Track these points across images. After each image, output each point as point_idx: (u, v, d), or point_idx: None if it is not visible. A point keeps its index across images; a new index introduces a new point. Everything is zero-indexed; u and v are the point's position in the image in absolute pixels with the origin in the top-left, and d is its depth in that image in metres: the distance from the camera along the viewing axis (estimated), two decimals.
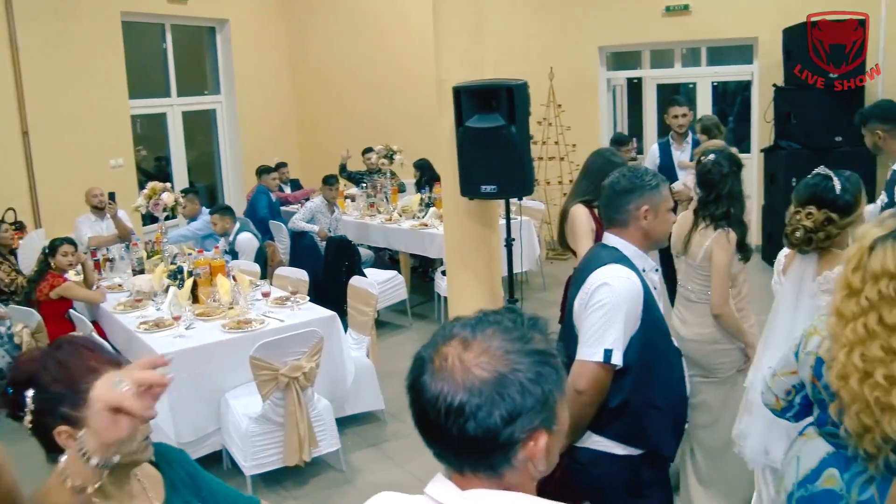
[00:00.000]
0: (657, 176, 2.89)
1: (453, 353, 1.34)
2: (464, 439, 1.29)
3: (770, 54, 9.71)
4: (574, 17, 10.60)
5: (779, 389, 2.54)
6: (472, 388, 1.29)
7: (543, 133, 10.26)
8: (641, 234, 2.87)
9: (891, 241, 2.11)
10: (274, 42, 12.06)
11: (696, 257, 3.91)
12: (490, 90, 5.57)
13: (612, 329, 2.66)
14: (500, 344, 1.33)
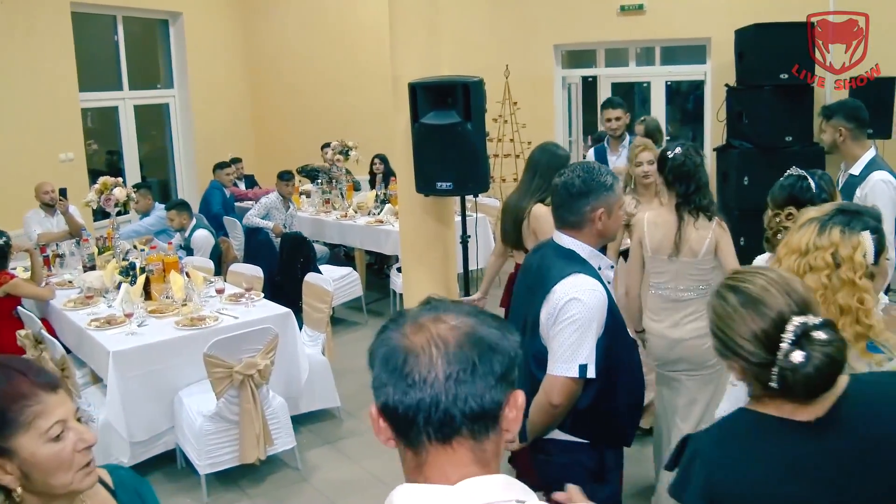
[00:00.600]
0: (610, 174, 2.88)
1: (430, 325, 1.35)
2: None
3: (722, 54, 9.85)
4: (530, 15, 10.64)
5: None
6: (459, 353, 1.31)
7: (499, 130, 10.29)
8: (596, 234, 2.87)
9: (815, 222, 2.21)
10: (228, 36, 11.93)
11: (699, 253, 3.86)
12: (446, 87, 5.58)
13: (586, 344, 2.69)
14: (461, 314, 1.36)
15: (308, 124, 11.49)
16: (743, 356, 1.74)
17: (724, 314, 1.78)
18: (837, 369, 1.68)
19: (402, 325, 1.36)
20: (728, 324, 1.77)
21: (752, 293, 1.74)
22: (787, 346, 1.66)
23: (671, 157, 3.93)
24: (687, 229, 3.87)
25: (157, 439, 5.03)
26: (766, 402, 1.77)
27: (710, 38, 10.17)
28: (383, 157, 9.89)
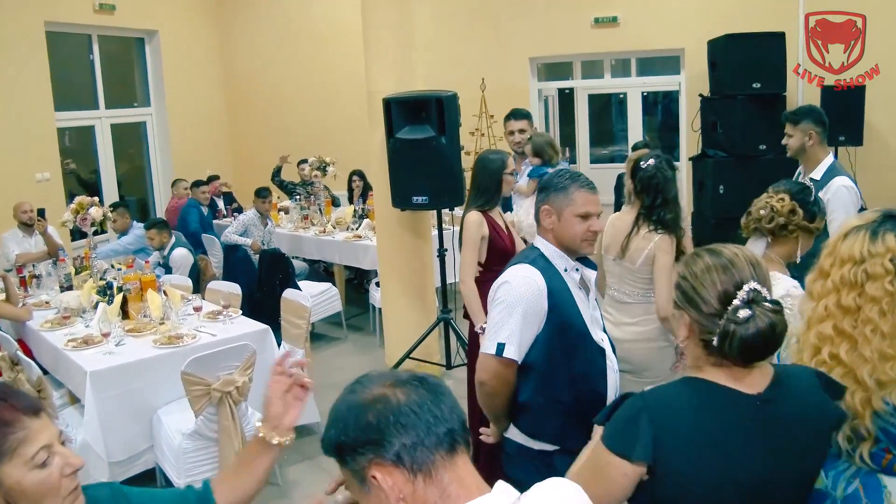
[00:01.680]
0: (573, 179, 2.88)
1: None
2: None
3: (696, 65, 9.95)
4: (505, 28, 10.71)
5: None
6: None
7: (476, 143, 10.32)
8: (551, 235, 2.89)
9: (863, 230, 2.22)
10: (204, 54, 11.94)
11: (636, 261, 3.91)
12: (420, 101, 5.62)
13: (507, 324, 2.75)
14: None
15: (285, 141, 11.49)
16: (698, 305, 1.90)
17: (696, 269, 1.94)
18: (775, 339, 1.86)
19: (357, 392, 1.46)
20: (696, 276, 1.93)
21: (724, 257, 1.92)
22: (739, 302, 1.84)
23: (643, 167, 3.95)
24: (634, 237, 3.92)
25: (136, 459, 5.00)
26: (706, 369, 1.92)
27: (684, 49, 10.27)
28: (361, 173, 9.91)
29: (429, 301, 6.63)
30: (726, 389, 1.88)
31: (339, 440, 1.41)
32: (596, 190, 2.91)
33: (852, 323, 2.15)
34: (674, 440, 1.85)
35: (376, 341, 7.48)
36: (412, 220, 6.34)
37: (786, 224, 3.08)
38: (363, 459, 1.38)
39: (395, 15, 6.17)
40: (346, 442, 1.40)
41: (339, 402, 1.46)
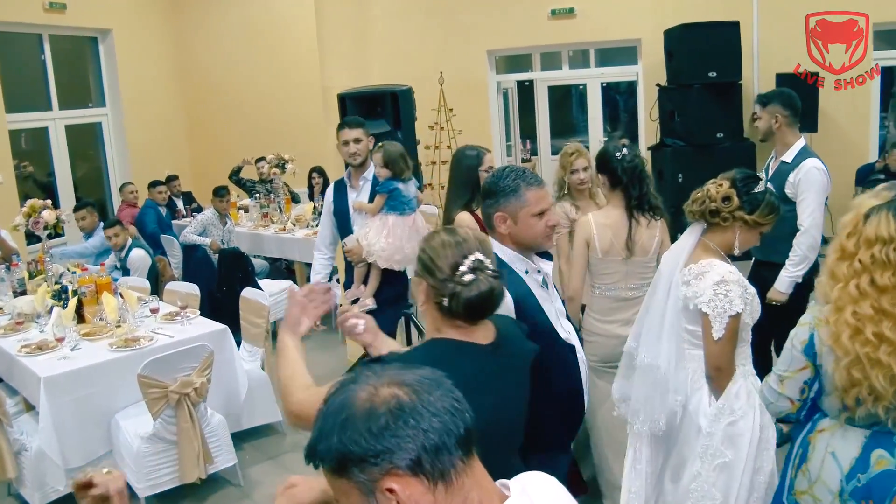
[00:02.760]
0: (521, 178, 2.80)
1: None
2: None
3: (653, 55, 10.02)
4: (462, 22, 10.71)
5: (792, 391, 2.56)
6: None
7: (436, 137, 10.32)
8: (508, 238, 2.81)
9: (885, 210, 2.31)
10: (160, 52, 11.79)
11: (650, 251, 3.89)
12: (375, 96, 5.61)
13: None
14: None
15: (244, 139, 11.40)
16: (434, 273, 2.20)
17: (434, 244, 2.25)
18: (493, 300, 2.20)
19: (358, 394, 1.32)
20: (434, 249, 2.23)
21: (458, 235, 2.25)
22: (465, 269, 2.16)
23: (620, 157, 3.86)
24: (640, 230, 3.87)
25: (94, 464, 4.91)
26: (444, 330, 2.24)
27: (640, 40, 10.34)
28: (321, 169, 9.84)
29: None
30: (465, 343, 2.23)
31: (344, 450, 1.25)
32: (543, 182, 2.87)
33: (891, 301, 2.25)
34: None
35: (338, 338, 7.44)
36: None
37: (717, 211, 3.02)
38: (376, 470, 1.24)
39: (349, 10, 6.16)
40: (354, 451, 1.25)
41: (334, 406, 1.31)
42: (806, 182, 4.50)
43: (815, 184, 4.50)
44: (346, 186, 5.19)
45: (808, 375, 2.51)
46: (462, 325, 2.24)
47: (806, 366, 2.50)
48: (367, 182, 5.13)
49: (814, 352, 2.45)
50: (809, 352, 2.47)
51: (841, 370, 2.30)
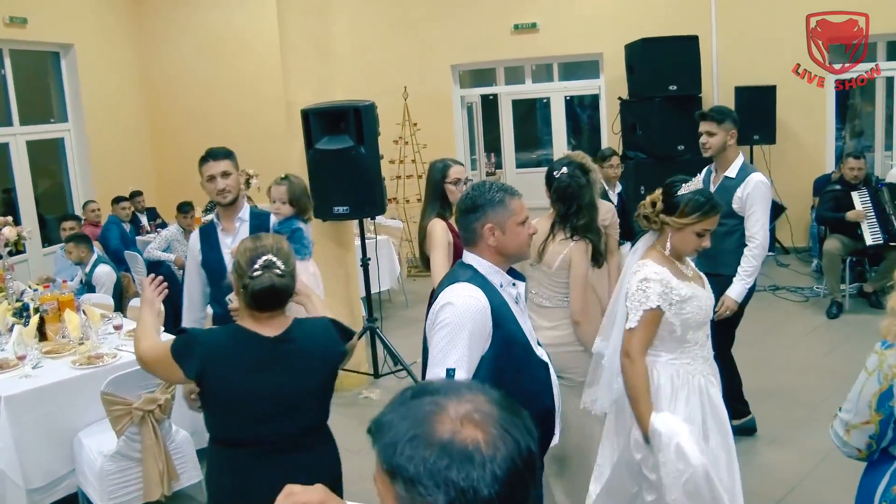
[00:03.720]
0: (503, 189, 2.86)
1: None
2: None
3: (614, 69, 10.15)
4: (426, 36, 10.78)
5: (858, 443, 2.43)
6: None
7: (400, 152, 10.36)
8: (492, 251, 2.84)
9: None
10: (123, 67, 11.74)
11: (552, 265, 3.94)
12: (338, 112, 5.63)
13: (456, 348, 2.66)
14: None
15: None
16: (237, 270, 2.76)
17: (242, 248, 2.78)
18: (277, 294, 2.72)
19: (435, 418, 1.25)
20: (240, 252, 2.76)
21: (258, 241, 2.78)
22: (256, 266, 2.68)
23: (557, 177, 4.00)
24: (550, 242, 3.97)
25: (56, 484, 4.87)
26: (244, 319, 2.79)
27: (602, 54, 10.47)
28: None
29: (354, 310, 6.62)
30: (250, 332, 2.75)
31: (401, 463, 1.20)
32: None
33: None
34: (219, 367, 2.73)
35: None
36: (334, 230, 6.33)
37: (647, 216, 3.27)
38: (417, 496, 1.19)
39: (312, 25, 6.16)
40: (407, 469, 1.20)
41: (419, 413, 1.24)
42: (754, 196, 4.62)
43: (762, 197, 4.63)
44: (217, 231, 4.35)
45: (872, 430, 2.36)
46: (256, 315, 2.75)
47: (870, 420, 2.34)
48: (243, 223, 4.35)
49: (890, 404, 2.28)
50: (885, 402, 2.29)
51: None
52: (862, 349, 4.36)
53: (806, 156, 9.93)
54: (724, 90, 9.80)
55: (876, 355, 2.33)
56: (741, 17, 9.87)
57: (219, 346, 2.77)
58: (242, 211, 4.37)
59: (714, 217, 3.23)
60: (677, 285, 3.22)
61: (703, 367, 3.33)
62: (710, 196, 3.28)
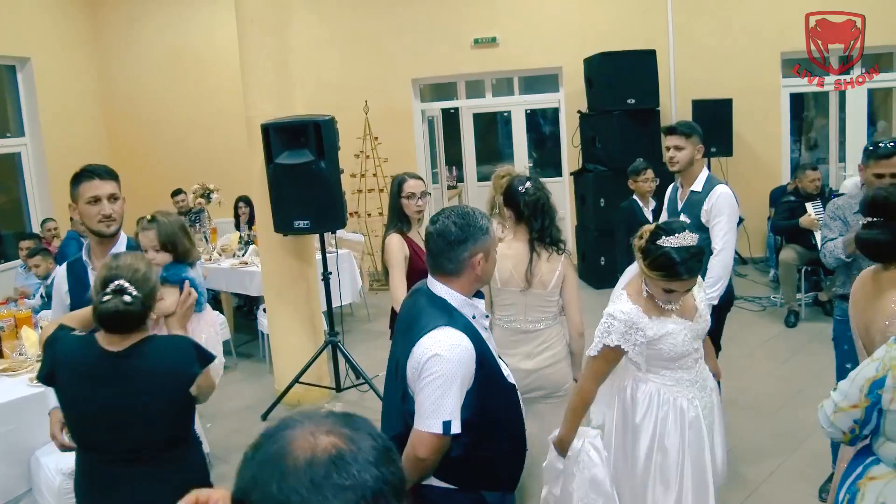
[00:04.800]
0: (485, 216, 2.82)
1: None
2: None
3: (574, 82, 10.25)
4: (386, 51, 10.82)
5: (843, 425, 2.48)
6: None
7: (361, 166, 10.37)
8: (473, 280, 2.79)
9: None
10: (81, 81, 11.62)
11: (549, 285, 3.88)
12: (298, 126, 5.63)
13: (449, 400, 2.59)
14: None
15: (168, 168, 11.31)
16: (95, 291, 2.80)
17: (102, 267, 2.84)
18: (119, 318, 2.73)
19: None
20: (99, 274, 2.80)
21: (116, 262, 2.81)
22: (107, 290, 2.72)
23: (523, 191, 3.92)
24: (539, 262, 3.89)
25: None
26: (101, 332, 2.81)
27: (561, 68, 10.56)
28: (247, 199, 9.80)
29: (316, 325, 6.61)
30: (97, 345, 2.80)
31: (284, 500, 1.19)
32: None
33: None
34: (62, 370, 2.84)
35: (266, 367, 7.41)
36: (295, 244, 6.33)
37: (635, 247, 3.21)
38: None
39: (272, 40, 6.16)
40: (293, 501, 1.18)
41: (271, 453, 1.25)
42: (719, 206, 4.66)
43: (727, 207, 4.66)
44: (87, 270, 3.64)
45: (858, 415, 2.41)
46: (106, 333, 2.81)
47: (858, 404, 2.40)
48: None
49: (879, 392, 2.34)
50: (875, 389, 2.35)
51: None
52: (819, 357, 4.48)
53: (762, 168, 10.11)
54: (681, 103, 9.94)
55: (886, 346, 2.37)
56: (698, 31, 10.03)
57: (67, 352, 2.86)
58: (119, 243, 3.66)
59: (679, 282, 3.07)
60: (646, 325, 3.16)
61: (688, 390, 3.31)
62: (683, 260, 3.03)
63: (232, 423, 6.13)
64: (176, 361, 2.88)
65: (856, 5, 8.96)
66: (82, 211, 3.64)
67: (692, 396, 3.31)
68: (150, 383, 2.81)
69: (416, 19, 10.75)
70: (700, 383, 3.36)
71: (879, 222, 2.82)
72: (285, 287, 6.44)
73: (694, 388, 3.33)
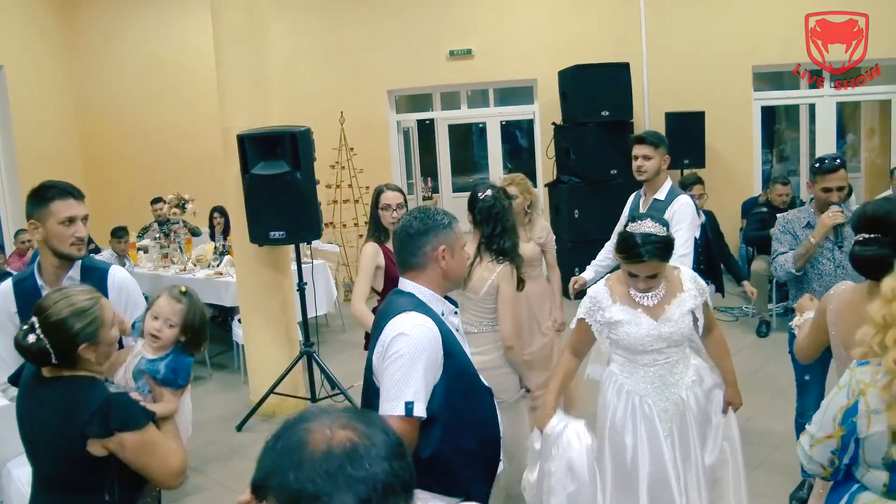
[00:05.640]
0: (448, 215, 2.86)
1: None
2: None
3: (548, 94, 10.33)
4: (362, 62, 10.85)
5: (821, 458, 2.41)
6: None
7: (337, 176, 10.38)
8: (440, 275, 2.79)
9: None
10: (55, 90, 11.54)
11: (480, 291, 3.97)
12: (274, 137, 5.64)
13: (412, 380, 2.54)
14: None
15: (143, 178, 11.25)
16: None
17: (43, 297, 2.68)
18: (27, 354, 2.52)
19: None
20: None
21: (45, 301, 2.57)
22: (24, 327, 2.53)
23: (481, 198, 4.06)
24: (476, 267, 3.98)
25: None
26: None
27: (536, 80, 10.65)
28: (222, 209, 9.77)
29: (291, 335, 6.61)
30: (32, 372, 2.63)
31: (300, 488, 1.26)
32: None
33: None
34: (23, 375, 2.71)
35: (241, 378, 7.39)
36: (270, 255, 6.33)
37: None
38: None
39: (248, 51, 6.17)
40: (308, 490, 1.26)
41: (290, 444, 1.32)
42: (680, 214, 4.72)
43: (688, 216, 4.74)
44: (40, 292, 3.26)
45: (834, 445, 2.34)
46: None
47: (833, 434, 2.34)
48: (73, 283, 3.25)
49: (853, 420, 2.29)
50: (848, 418, 2.30)
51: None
52: (790, 367, 4.52)
53: (734, 179, 10.22)
54: (654, 116, 10.05)
55: (849, 371, 2.34)
56: (671, 44, 10.14)
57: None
58: (74, 268, 3.40)
59: (638, 265, 3.23)
60: (608, 307, 3.37)
61: (644, 388, 3.40)
62: (644, 242, 3.20)
63: (207, 434, 6.10)
64: (67, 412, 2.52)
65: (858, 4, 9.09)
66: (53, 231, 3.28)
67: (644, 394, 3.41)
68: (47, 423, 2.56)
69: (393, 31, 10.79)
70: (660, 386, 3.43)
71: (879, 238, 2.74)
72: (260, 298, 6.44)
73: (650, 388, 3.41)
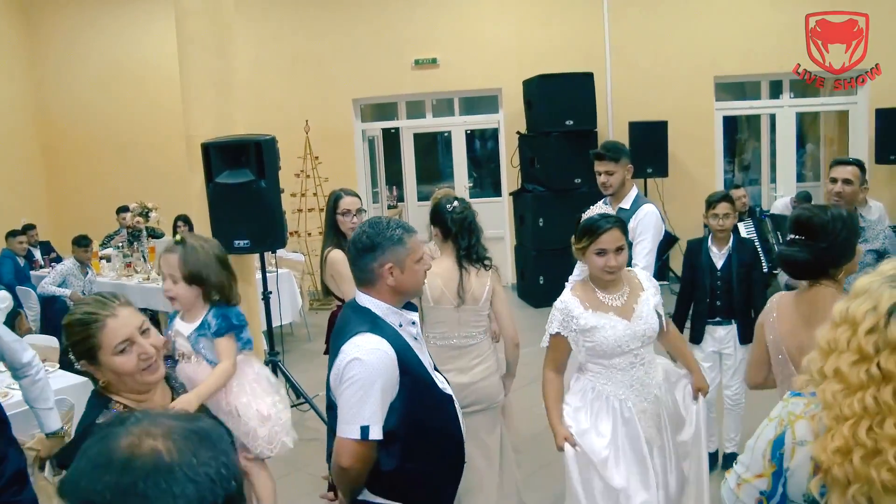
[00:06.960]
0: (401, 227, 2.78)
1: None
2: None
3: (513, 104, 10.41)
4: (328, 71, 10.87)
5: (748, 499, 2.16)
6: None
7: (302, 185, 10.37)
8: (390, 290, 2.76)
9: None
10: (15, 97, 11.42)
11: (481, 299, 3.99)
12: (238, 146, 5.63)
13: (368, 404, 2.57)
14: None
15: (106, 185, 11.17)
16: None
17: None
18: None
19: (119, 438, 1.20)
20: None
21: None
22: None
23: (451, 209, 4.04)
24: (469, 278, 3.99)
25: None
26: None
27: (501, 89, 10.73)
28: (186, 217, 9.71)
29: (256, 344, 6.58)
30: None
31: (87, 499, 1.14)
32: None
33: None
34: None
35: None
36: (235, 264, 6.16)
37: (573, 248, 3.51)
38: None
39: (213, 59, 6.14)
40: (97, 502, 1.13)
41: (96, 446, 1.19)
42: (645, 224, 4.74)
43: (652, 226, 4.76)
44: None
45: (764, 486, 2.11)
46: None
47: (763, 473, 2.12)
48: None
49: (781, 452, 2.08)
50: (776, 450, 2.08)
51: (845, 497, 1.86)
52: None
53: (697, 188, 10.30)
54: (618, 125, 10.16)
55: (781, 402, 2.17)
56: (634, 54, 10.26)
57: None
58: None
59: (606, 234, 3.35)
60: (580, 314, 3.40)
61: (624, 392, 3.44)
62: (601, 217, 3.42)
63: None
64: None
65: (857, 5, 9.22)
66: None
67: (625, 398, 3.44)
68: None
69: (358, 40, 10.82)
70: (638, 388, 3.47)
71: (800, 241, 2.94)
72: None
73: (629, 391, 3.45)
